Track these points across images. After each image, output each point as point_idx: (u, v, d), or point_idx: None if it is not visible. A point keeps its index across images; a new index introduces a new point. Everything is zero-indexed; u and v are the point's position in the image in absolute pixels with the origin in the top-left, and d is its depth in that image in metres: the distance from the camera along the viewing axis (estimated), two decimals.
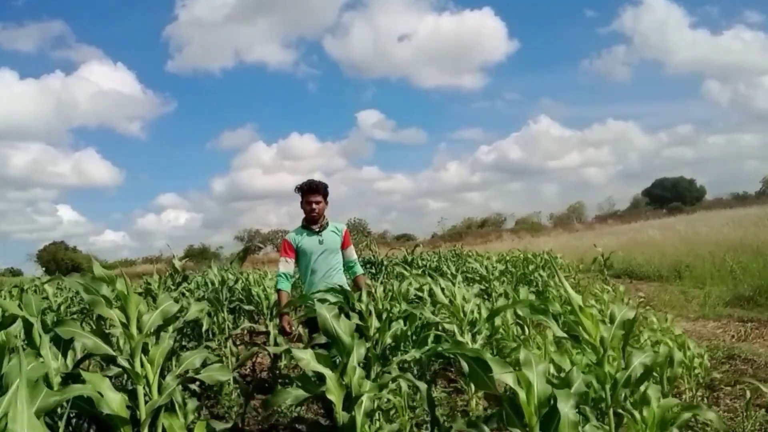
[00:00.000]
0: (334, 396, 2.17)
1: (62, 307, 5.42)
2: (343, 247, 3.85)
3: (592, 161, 74.98)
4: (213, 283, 6.13)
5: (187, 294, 6.37)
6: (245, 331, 6.71)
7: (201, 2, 77.18)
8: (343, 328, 2.40)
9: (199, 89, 75.80)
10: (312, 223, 3.76)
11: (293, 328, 4.16)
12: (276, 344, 4.82)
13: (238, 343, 6.74)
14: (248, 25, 77.52)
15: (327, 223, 3.81)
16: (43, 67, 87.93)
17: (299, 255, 3.75)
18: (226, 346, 5.11)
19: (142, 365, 2.11)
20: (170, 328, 2.12)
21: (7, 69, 69.60)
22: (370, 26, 75.59)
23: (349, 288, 3.62)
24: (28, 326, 2.25)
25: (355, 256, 3.97)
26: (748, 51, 67.06)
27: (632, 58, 75.85)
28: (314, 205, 3.70)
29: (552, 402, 1.81)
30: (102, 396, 1.96)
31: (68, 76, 74.84)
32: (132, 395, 2.16)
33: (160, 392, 2.17)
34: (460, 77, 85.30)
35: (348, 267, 3.91)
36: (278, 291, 3.73)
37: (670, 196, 51.31)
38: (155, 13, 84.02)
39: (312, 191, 3.72)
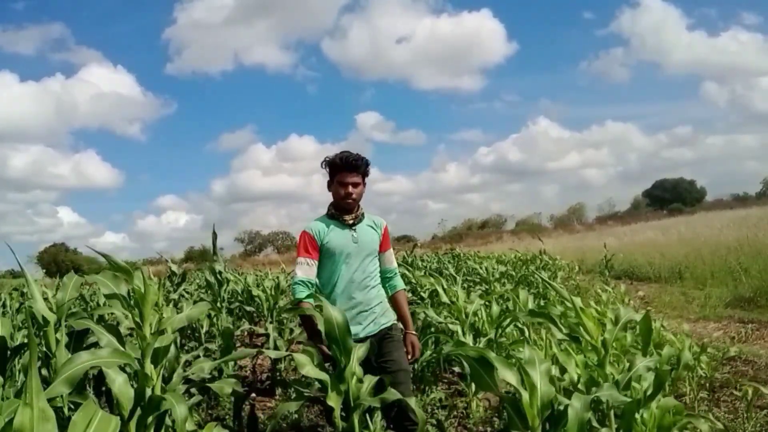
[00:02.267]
0: (333, 401, 2.15)
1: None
2: (382, 249, 2.80)
3: (591, 162, 75.22)
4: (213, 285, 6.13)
5: (187, 296, 6.39)
6: (245, 333, 6.71)
7: (200, 5, 77.84)
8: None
9: (199, 91, 76.25)
10: (345, 212, 2.70)
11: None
12: (276, 347, 4.82)
13: (237, 345, 6.73)
14: (247, 27, 78.05)
15: (363, 215, 2.76)
16: (43, 70, 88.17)
17: (323, 256, 2.67)
18: None
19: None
20: (170, 328, 2.10)
21: (8, 71, 69.99)
22: (368, 28, 75.91)
23: (390, 307, 2.81)
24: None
25: (395, 264, 2.90)
26: (745, 52, 67.47)
27: (630, 60, 76.23)
28: (351, 188, 2.64)
29: (554, 404, 1.80)
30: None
31: (68, 78, 75.15)
32: None
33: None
34: (459, 79, 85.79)
35: (385, 279, 2.84)
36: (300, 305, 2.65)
37: (670, 197, 51.32)
38: (154, 16, 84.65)
39: (350, 168, 2.65)
